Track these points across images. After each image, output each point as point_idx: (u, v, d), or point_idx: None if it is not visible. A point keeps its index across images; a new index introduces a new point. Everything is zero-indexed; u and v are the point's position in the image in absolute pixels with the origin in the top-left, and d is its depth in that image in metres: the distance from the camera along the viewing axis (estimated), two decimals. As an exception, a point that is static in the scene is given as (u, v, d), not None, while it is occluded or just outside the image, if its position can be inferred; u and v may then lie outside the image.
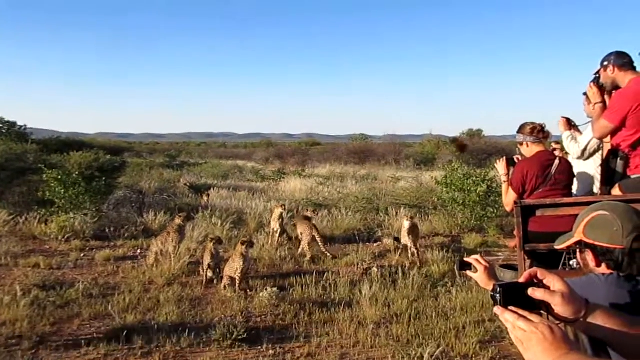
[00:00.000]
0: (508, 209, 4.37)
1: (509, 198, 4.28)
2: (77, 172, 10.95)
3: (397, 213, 11.09)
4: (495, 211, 10.18)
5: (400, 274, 6.75)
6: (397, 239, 8.61)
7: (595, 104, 4.03)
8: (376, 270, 7.20)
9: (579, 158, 4.44)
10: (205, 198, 12.55)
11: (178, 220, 7.74)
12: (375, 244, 9.12)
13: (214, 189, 14.68)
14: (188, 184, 15.49)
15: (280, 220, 9.24)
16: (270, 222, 9.64)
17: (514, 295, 1.31)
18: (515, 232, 4.00)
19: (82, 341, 4.80)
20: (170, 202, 12.44)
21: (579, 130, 4.64)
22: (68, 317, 5.46)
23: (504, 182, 4.44)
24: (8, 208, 10.58)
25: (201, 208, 11.44)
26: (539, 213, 3.89)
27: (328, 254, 8.19)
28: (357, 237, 9.32)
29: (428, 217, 11.10)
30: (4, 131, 20.84)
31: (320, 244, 8.28)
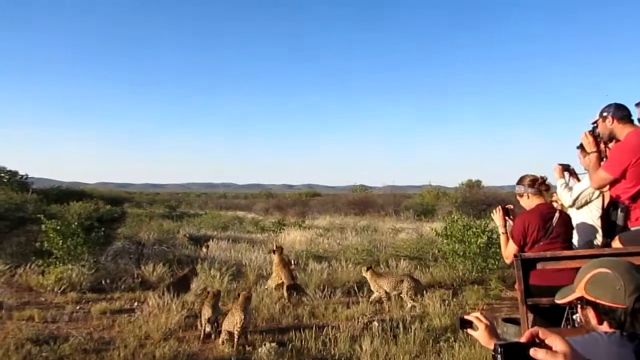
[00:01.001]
0: (508, 261, 4.31)
1: (509, 250, 4.24)
2: (76, 223, 10.92)
3: (397, 265, 11.00)
4: (497, 263, 10.08)
5: (402, 328, 6.62)
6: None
7: (591, 152, 4.07)
8: (377, 324, 7.05)
9: (570, 207, 4.43)
10: (204, 250, 12.47)
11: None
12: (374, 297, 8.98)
13: (213, 241, 14.61)
14: (187, 235, 15.43)
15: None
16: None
17: (516, 356, 1.29)
18: (516, 286, 3.95)
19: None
20: (169, 253, 12.35)
21: (577, 177, 4.65)
22: (60, 373, 5.31)
23: (502, 233, 4.41)
24: (5, 258, 10.48)
25: (200, 260, 11.35)
26: (539, 266, 3.86)
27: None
28: (358, 290, 9.19)
29: (429, 268, 10.99)
30: (5, 180, 20.94)
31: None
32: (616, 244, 3.81)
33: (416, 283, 8.59)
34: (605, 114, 3.91)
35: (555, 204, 4.51)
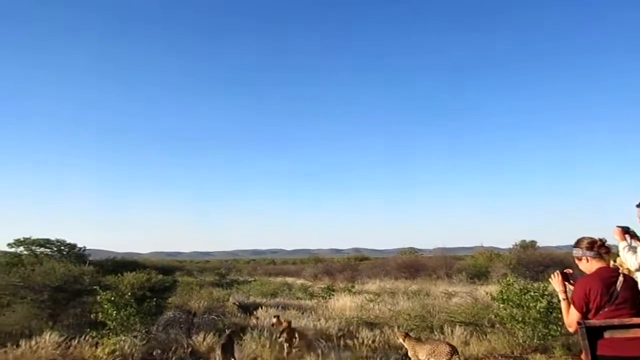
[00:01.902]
0: (571, 329, 4.02)
1: (571, 318, 3.96)
2: (129, 293, 11.19)
3: (452, 331, 10.56)
4: (559, 329, 9.49)
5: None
6: None
7: None
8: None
9: (637, 270, 4.16)
10: (254, 320, 12.43)
11: None
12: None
13: (262, 308, 14.53)
14: (237, 303, 15.42)
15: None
16: None
17: None
18: (582, 356, 3.69)
19: None
20: (219, 322, 12.33)
21: (638, 239, 4.40)
22: None
23: (563, 299, 4.15)
24: (62, 330, 10.76)
25: (250, 328, 11.26)
26: (607, 335, 3.60)
27: None
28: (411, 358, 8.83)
29: (486, 335, 10.46)
30: (64, 253, 21.76)
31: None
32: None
33: (453, 349, 8.11)
34: None
35: (620, 268, 4.25)
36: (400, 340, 8.62)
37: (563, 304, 4.12)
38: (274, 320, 10.79)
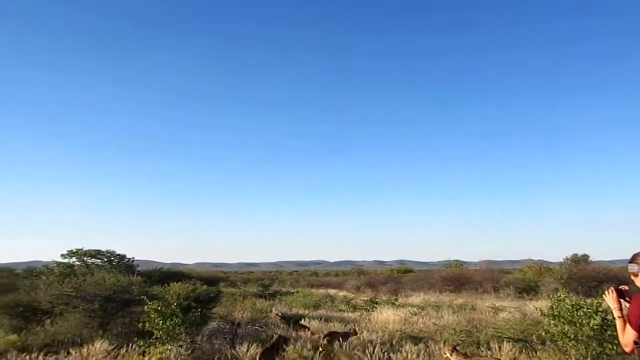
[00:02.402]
0: (627, 349, 3.78)
1: (627, 337, 3.74)
2: (175, 303, 11.41)
3: (500, 347, 10.23)
4: (615, 348, 9.03)
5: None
6: None
7: None
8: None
9: None
10: (301, 332, 12.45)
11: None
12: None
13: (305, 319, 14.51)
14: (280, 315, 15.45)
15: None
16: None
17: None
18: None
19: None
20: (262, 333, 12.39)
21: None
22: None
23: (618, 317, 3.92)
24: (111, 339, 11.08)
25: (293, 340, 11.26)
26: (666, 355, 3.40)
27: None
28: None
29: (536, 352, 10.07)
30: (114, 263, 22.43)
31: None
32: None
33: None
34: None
35: None
36: (447, 354, 8.37)
37: (618, 322, 3.90)
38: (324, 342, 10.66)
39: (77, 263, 22.43)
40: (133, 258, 24.22)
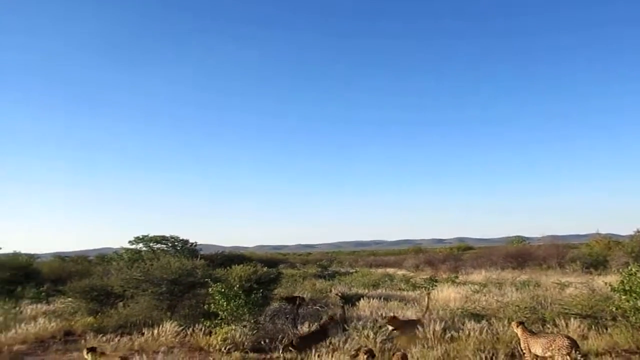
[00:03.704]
0: None
1: None
2: (237, 285, 11.76)
3: (567, 324, 9.92)
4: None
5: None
6: None
7: None
8: (548, 392, 6.35)
9: None
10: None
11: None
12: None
13: (364, 299, 14.58)
14: (339, 294, 15.61)
15: None
16: None
17: None
18: None
19: None
20: (323, 313, 12.56)
21: None
22: None
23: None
24: (179, 320, 11.59)
25: (353, 319, 11.36)
26: None
27: None
28: (522, 352, 8.42)
29: (606, 329, 9.69)
30: (178, 248, 23.26)
31: None
32: None
33: (573, 343, 7.43)
34: None
35: None
36: (514, 328, 8.18)
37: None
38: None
39: (144, 249, 23.40)
40: (196, 243, 25.00)
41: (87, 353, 7.45)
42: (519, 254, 32.79)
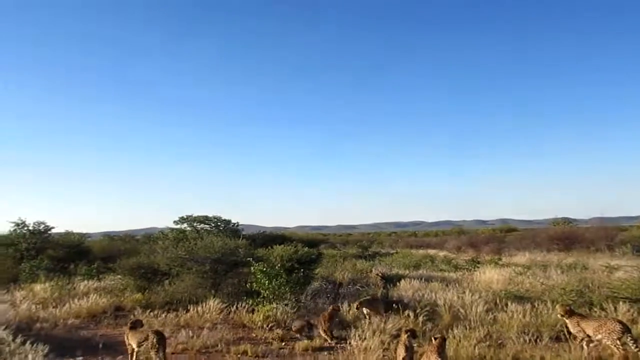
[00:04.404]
0: None
1: None
2: (279, 265, 11.95)
3: (615, 308, 9.64)
4: None
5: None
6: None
7: None
8: (595, 376, 6.22)
9: None
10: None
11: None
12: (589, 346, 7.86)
13: (405, 280, 14.54)
14: (380, 274, 15.61)
15: None
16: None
17: None
18: None
19: None
20: (363, 292, 12.61)
21: None
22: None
23: None
24: (222, 298, 11.90)
25: (394, 299, 11.36)
26: None
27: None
28: (568, 335, 8.25)
29: (660, 313, 9.36)
30: (221, 228, 23.68)
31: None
32: None
33: (624, 327, 7.20)
34: None
35: None
36: (560, 315, 7.93)
37: None
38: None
39: (188, 228, 23.89)
40: (238, 223, 25.31)
41: (130, 328, 7.74)
42: (565, 236, 31.89)
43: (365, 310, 10.06)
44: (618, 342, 6.97)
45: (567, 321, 7.81)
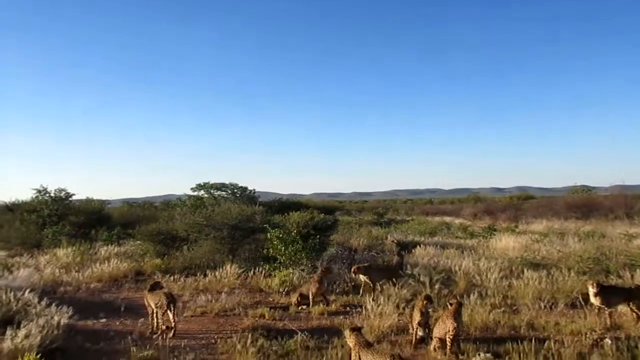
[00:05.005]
0: None
1: None
2: (295, 231, 12.07)
3: (632, 276, 9.61)
4: None
5: (643, 349, 5.73)
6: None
7: None
8: (610, 342, 6.26)
9: None
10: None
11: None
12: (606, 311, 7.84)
13: (420, 247, 14.59)
14: (395, 241, 15.69)
15: None
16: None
17: None
18: None
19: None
20: (379, 259, 12.71)
21: None
22: (287, 366, 5.89)
23: None
24: (240, 263, 12.11)
25: (409, 266, 11.44)
26: None
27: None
28: (585, 303, 8.27)
29: (677, 281, 9.30)
30: (237, 195, 23.86)
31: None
32: None
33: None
34: None
35: None
36: (591, 289, 7.32)
37: None
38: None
39: (205, 195, 24.10)
40: (254, 190, 25.43)
41: (149, 290, 7.90)
42: (584, 204, 31.49)
43: (362, 277, 10.02)
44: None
45: (592, 291, 7.33)
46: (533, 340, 6.16)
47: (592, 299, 7.35)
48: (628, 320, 7.49)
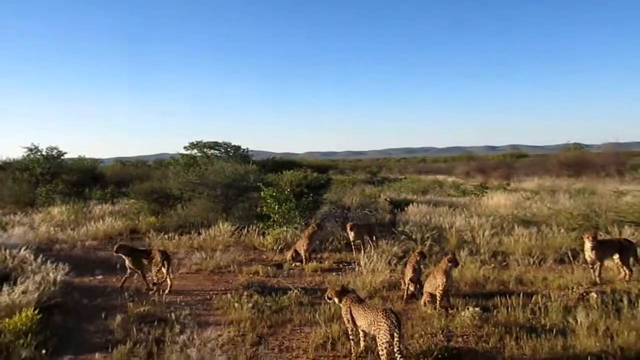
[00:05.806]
0: None
1: None
2: (288, 190, 12.13)
3: (620, 232, 9.77)
4: None
5: (626, 302, 5.89)
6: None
7: None
8: (595, 295, 6.42)
9: None
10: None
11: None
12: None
13: (413, 205, 14.72)
14: (388, 200, 15.80)
15: None
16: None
17: None
18: None
19: (293, 345, 5.28)
20: (372, 217, 12.83)
21: None
22: (282, 321, 6.03)
23: None
24: (234, 221, 12.20)
25: (401, 223, 11.58)
26: None
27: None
28: (573, 258, 8.45)
29: (666, 237, 9.48)
30: (231, 154, 23.75)
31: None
32: None
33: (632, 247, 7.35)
34: None
35: None
36: (588, 243, 7.45)
37: None
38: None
39: (198, 154, 23.96)
40: (247, 149, 25.27)
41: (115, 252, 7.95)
42: (576, 162, 31.62)
43: (351, 234, 10.03)
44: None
45: (588, 245, 7.48)
46: (521, 295, 6.31)
47: (588, 253, 7.48)
48: (614, 274, 7.68)
